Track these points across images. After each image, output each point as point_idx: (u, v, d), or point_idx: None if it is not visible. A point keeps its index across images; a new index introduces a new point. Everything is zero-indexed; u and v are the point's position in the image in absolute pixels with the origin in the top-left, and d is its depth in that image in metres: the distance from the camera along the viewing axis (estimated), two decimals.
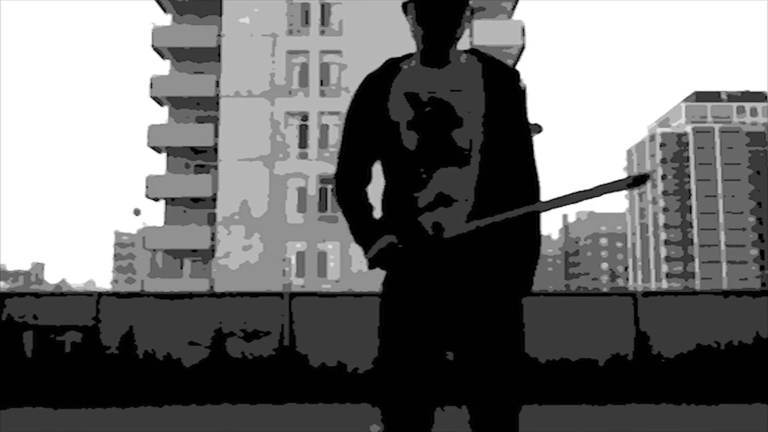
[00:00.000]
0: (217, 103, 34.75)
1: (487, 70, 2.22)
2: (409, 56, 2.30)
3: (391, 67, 2.28)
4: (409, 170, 2.18)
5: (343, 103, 33.90)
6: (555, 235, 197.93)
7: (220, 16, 35.28)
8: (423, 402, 2.24)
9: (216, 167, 34.52)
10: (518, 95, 2.23)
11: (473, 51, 2.28)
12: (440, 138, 2.16)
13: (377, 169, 2.32)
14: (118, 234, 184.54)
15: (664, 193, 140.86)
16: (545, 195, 2.37)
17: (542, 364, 9.47)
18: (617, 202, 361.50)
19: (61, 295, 10.14)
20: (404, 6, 2.23)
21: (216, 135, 34.63)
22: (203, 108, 36.36)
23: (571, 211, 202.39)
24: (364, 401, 8.96)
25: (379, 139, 2.24)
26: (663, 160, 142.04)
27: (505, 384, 2.22)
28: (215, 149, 34.64)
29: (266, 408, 8.82)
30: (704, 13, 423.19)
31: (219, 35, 35.21)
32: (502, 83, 2.21)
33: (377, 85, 2.25)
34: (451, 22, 2.14)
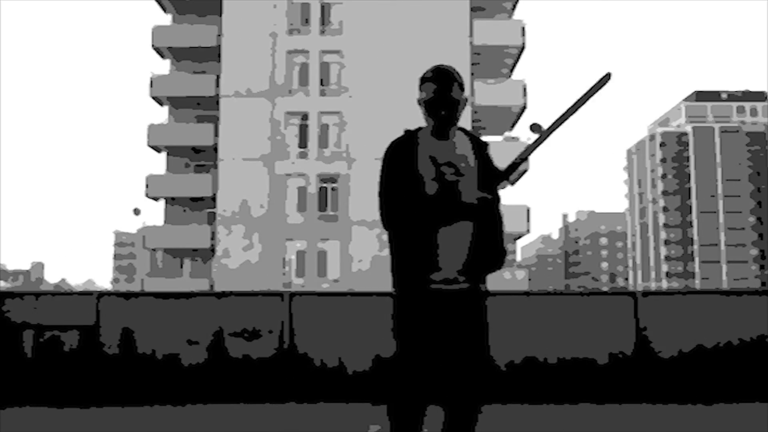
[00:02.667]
0: (217, 102, 34.74)
1: (474, 143, 3.38)
2: (419, 129, 3.36)
3: (412, 137, 3.32)
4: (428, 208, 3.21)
5: (343, 102, 33.93)
6: (555, 235, 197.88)
7: (220, 15, 35.27)
8: (424, 397, 3.21)
9: (216, 167, 34.52)
10: (490, 161, 3.40)
11: (461, 129, 3.39)
12: (451, 187, 3.23)
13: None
14: (118, 233, 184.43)
15: (664, 192, 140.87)
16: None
17: (541, 364, 9.47)
18: (617, 202, 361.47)
19: (61, 294, 10.14)
20: (418, 101, 3.29)
21: (216, 134, 34.63)
22: (203, 107, 36.35)
23: (571, 210, 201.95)
24: (364, 401, 8.96)
25: (405, 186, 3.24)
26: (663, 160, 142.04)
27: (470, 385, 3.22)
28: (215, 149, 34.64)
29: (266, 408, 8.82)
30: (704, 13, 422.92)
31: (219, 35, 35.19)
32: (483, 152, 3.38)
33: (405, 149, 3.28)
34: (451, 116, 3.26)
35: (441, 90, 3.18)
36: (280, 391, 9.44)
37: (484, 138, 33.68)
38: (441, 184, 3.21)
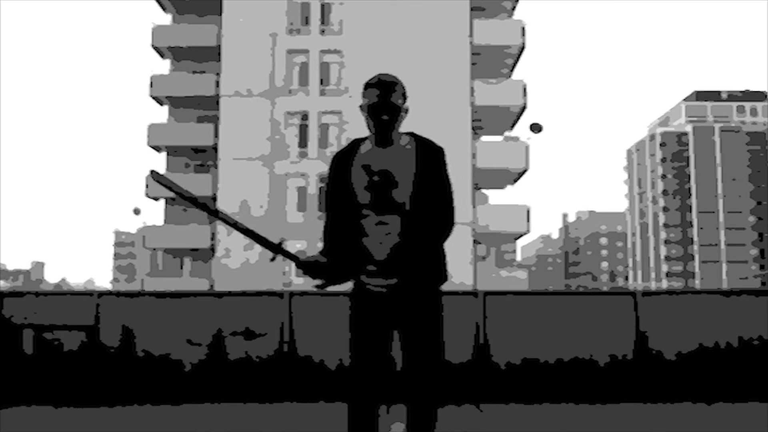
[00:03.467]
0: (217, 102, 34.73)
1: (420, 147, 3.32)
2: (365, 138, 3.37)
3: (354, 146, 3.37)
4: (361, 216, 3.28)
5: (343, 102, 33.92)
6: (555, 235, 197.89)
7: (220, 15, 35.25)
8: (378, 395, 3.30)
9: (216, 166, 34.52)
10: (440, 164, 3.32)
11: (410, 133, 3.38)
12: (384, 196, 3.25)
13: None
14: (117, 233, 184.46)
15: (664, 192, 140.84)
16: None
17: (542, 363, 9.48)
18: (617, 202, 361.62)
19: (61, 294, 10.14)
20: (361, 107, 3.30)
21: (216, 134, 34.61)
22: (203, 107, 36.33)
23: (571, 210, 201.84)
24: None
25: (344, 197, 3.31)
26: (663, 160, 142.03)
27: (418, 383, 3.23)
28: (215, 149, 34.63)
29: (266, 407, 8.82)
30: (704, 13, 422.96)
31: (219, 34, 35.19)
32: (429, 157, 3.30)
33: (343, 161, 3.34)
34: (391, 122, 3.27)
35: (383, 95, 3.24)
36: (280, 390, 9.45)
37: (484, 138, 33.53)
38: (373, 193, 3.26)
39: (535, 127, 35.87)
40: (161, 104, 37.32)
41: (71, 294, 10.09)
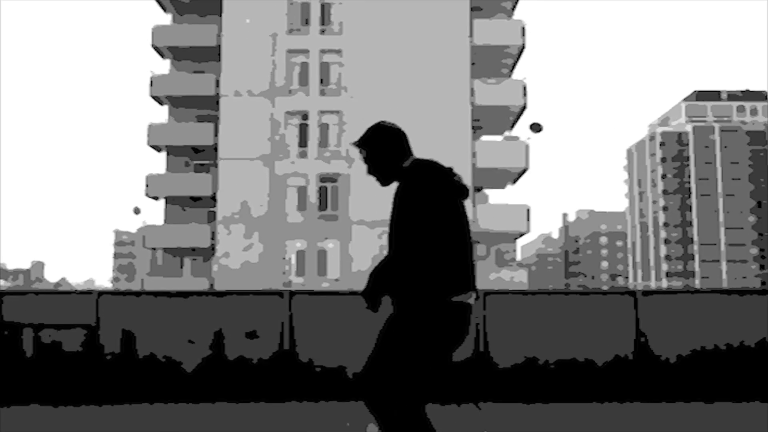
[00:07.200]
0: (217, 102, 34.75)
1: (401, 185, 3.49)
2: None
3: None
4: None
5: (342, 102, 33.94)
6: (555, 234, 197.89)
7: (220, 15, 35.27)
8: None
9: (216, 166, 34.53)
10: (403, 198, 3.35)
11: (410, 162, 3.48)
12: None
13: None
14: (118, 233, 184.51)
15: (665, 192, 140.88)
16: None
17: (542, 363, 9.48)
18: (617, 202, 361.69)
19: (61, 293, 10.14)
20: (401, 149, 3.37)
21: (216, 134, 34.63)
22: (203, 107, 36.35)
23: (571, 210, 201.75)
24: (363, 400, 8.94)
25: None
26: (663, 160, 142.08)
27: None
28: (215, 148, 34.65)
29: (266, 406, 8.83)
30: (704, 13, 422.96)
31: (219, 34, 35.20)
32: (398, 193, 3.37)
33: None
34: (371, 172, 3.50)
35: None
36: (280, 389, 9.45)
37: (484, 138, 33.62)
38: None
39: (535, 127, 35.88)
40: (161, 104, 37.34)
41: (71, 293, 10.09)
